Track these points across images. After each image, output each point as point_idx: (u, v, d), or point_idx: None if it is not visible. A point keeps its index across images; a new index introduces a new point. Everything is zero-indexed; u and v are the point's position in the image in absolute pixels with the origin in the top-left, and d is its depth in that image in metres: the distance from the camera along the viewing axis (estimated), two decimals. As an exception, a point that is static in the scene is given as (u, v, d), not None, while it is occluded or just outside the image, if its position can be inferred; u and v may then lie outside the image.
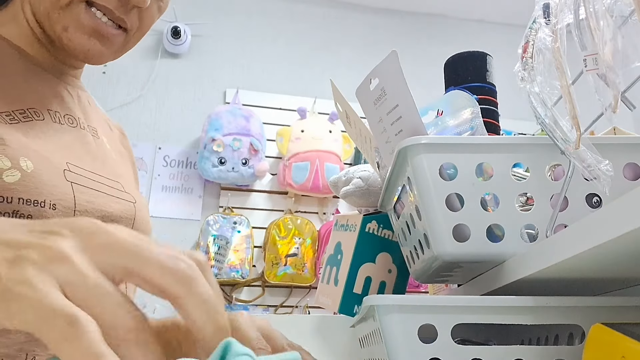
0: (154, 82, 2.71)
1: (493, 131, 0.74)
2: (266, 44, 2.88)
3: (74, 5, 0.62)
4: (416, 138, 0.54)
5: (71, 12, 0.62)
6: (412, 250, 0.62)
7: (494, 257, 0.53)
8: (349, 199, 0.81)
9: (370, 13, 3.06)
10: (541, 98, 0.49)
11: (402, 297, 0.49)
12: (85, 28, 0.63)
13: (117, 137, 0.84)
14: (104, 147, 0.72)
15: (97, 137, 0.71)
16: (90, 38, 0.63)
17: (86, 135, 0.69)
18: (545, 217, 0.52)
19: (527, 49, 0.50)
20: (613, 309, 0.47)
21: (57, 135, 0.64)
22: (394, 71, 0.57)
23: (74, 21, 0.62)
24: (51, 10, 0.62)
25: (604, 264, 0.43)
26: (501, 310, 0.48)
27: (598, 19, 0.44)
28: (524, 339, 0.61)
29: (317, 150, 2.53)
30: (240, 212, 2.52)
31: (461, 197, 0.54)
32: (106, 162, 0.70)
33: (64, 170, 0.60)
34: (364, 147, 0.75)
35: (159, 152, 2.61)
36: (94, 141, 0.70)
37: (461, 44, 1.17)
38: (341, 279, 0.78)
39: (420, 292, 1.90)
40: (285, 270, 2.40)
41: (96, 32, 0.63)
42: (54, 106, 0.66)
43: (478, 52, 0.78)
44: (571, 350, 0.48)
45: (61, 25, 0.62)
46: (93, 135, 0.71)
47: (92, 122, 0.73)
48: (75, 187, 0.60)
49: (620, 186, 0.51)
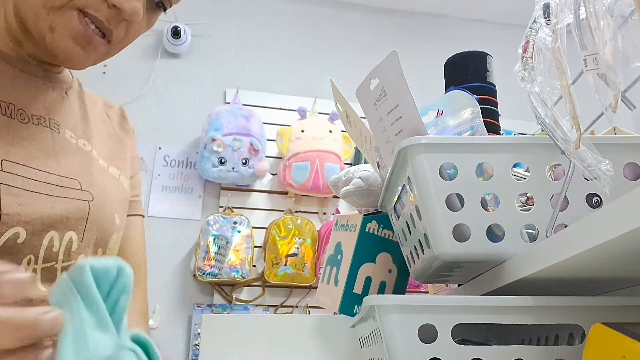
0: (154, 82, 2.71)
1: (493, 131, 0.74)
2: (266, 44, 2.87)
3: (66, 9, 0.61)
4: (416, 138, 0.54)
5: (62, 16, 0.61)
6: (412, 250, 0.62)
7: (494, 257, 0.53)
8: (349, 199, 0.81)
9: (370, 13, 3.06)
10: (541, 98, 0.49)
11: (402, 297, 0.49)
12: (72, 33, 0.62)
13: (116, 120, 0.83)
14: (65, 142, 0.69)
15: (57, 132, 0.69)
16: (76, 44, 0.63)
17: (42, 131, 0.66)
18: (546, 217, 0.52)
19: (527, 49, 0.50)
20: (613, 309, 0.47)
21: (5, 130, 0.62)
22: (394, 71, 0.57)
23: (62, 24, 0.61)
24: (40, 8, 0.61)
25: (604, 264, 0.43)
26: (501, 310, 0.48)
27: (598, 19, 0.44)
28: (524, 339, 0.61)
29: (317, 150, 2.53)
30: (241, 212, 2.52)
31: (461, 197, 0.54)
32: (64, 158, 0.67)
33: None
34: (364, 147, 0.75)
35: (159, 152, 2.61)
36: (51, 137, 0.67)
37: (461, 44, 1.17)
38: (341, 279, 0.78)
39: (420, 292, 1.90)
40: (285, 270, 2.39)
41: (83, 38, 0.63)
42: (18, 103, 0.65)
43: (478, 52, 0.78)
44: (571, 350, 0.48)
45: (48, 25, 0.61)
46: (52, 130, 0.68)
47: (58, 115, 0.70)
48: (4, 188, 0.58)
49: (620, 186, 0.51)
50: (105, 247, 0.71)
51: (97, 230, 0.69)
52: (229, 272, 2.34)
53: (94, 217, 0.68)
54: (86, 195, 0.68)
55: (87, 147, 0.73)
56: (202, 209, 2.55)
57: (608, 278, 0.50)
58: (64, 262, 0.64)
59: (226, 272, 2.34)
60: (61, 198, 0.64)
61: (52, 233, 0.62)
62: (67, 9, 0.61)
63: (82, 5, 0.61)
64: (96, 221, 0.68)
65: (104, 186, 0.72)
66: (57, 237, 0.63)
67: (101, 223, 0.69)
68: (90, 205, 0.67)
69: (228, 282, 2.38)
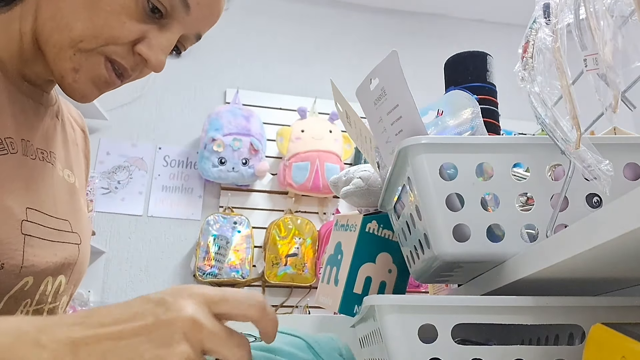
0: (154, 82, 2.71)
1: (493, 131, 0.74)
2: (266, 44, 2.87)
3: (93, 54, 0.59)
4: (416, 138, 0.54)
5: (87, 59, 0.59)
6: (412, 250, 0.62)
7: (494, 257, 0.53)
8: (349, 198, 0.81)
9: (370, 13, 3.06)
10: (541, 98, 0.49)
11: (402, 297, 0.49)
12: (96, 78, 0.61)
13: (79, 139, 0.79)
14: (57, 175, 0.68)
15: (54, 166, 0.67)
16: (95, 87, 0.62)
17: (47, 169, 0.65)
18: (546, 217, 0.52)
19: (528, 49, 0.50)
20: (613, 309, 0.47)
21: (25, 172, 0.61)
22: (394, 71, 0.57)
23: (88, 68, 0.60)
24: (66, 47, 0.59)
25: (604, 264, 0.43)
26: (501, 310, 0.48)
27: (598, 19, 0.44)
28: (524, 339, 0.61)
29: (317, 150, 2.53)
30: (241, 212, 2.52)
31: (461, 197, 0.54)
32: (59, 196, 0.67)
33: (22, 222, 0.58)
34: (364, 147, 0.75)
35: (159, 152, 2.61)
36: (52, 173, 0.66)
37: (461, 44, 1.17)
38: (341, 279, 0.78)
39: (420, 292, 1.90)
40: (285, 270, 2.39)
41: (104, 83, 0.62)
42: (27, 135, 0.63)
43: (478, 52, 0.78)
44: (571, 350, 0.48)
45: (72, 66, 0.59)
46: (52, 165, 0.67)
47: (53, 145, 0.68)
48: (27, 239, 0.58)
49: (620, 186, 0.51)
50: (77, 285, 0.72)
51: (80, 271, 0.70)
52: (229, 272, 2.34)
53: (81, 260, 0.69)
54: (76, 238, 0.68)
55: (70, 179, 0.71)
56: (202, 209, 2.55)
57: (608, 278, 0.50)
58: (51, 304, 0.65)
59: (226, 272, 2.34)
60: (60, 244, 0.64)
61: (48, 278, 0.63)
62: (95, 53, 0.60)
63: (111, 53, 0.60)
64: (81, 263, 0.69)
65: (82, 222, 0.71)
66: (51, 282, 0.64)
67: (83, 262, 0.70)
68: (79, 249, 0.68)
69: (228, 282, 2.38)
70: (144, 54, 0.61)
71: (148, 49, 0.61)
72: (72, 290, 0.70)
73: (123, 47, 0.60)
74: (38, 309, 0.63)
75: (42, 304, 0.63)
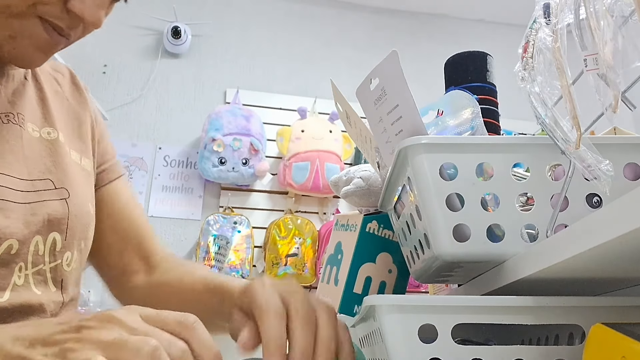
0: (154, 82, 2.71)
1: (493, 131, 0.74)
2: (266, 44, 2.88)
3: (26, 17, 0.57)
4: (416, 138, 0.54)
5: (21, 23, 0.57)
6: (413, 250, 0.62)
7: (494, 257, 0.53)
8: (350, 198, 0.81)
9: (370, 13, 3.06)
10: (541, 98, 0.49)
11: (402, 297, 0.49)
12: (37, 42, 0.59)
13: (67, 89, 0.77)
14: (29, 136, 0.66)
15: (23, 127, 0.65)
16: (40, 51, 0.60)
17: (14, 130, 0.63)
18: (546, 217, 0.52)
19: (527, 49, 0.50)
20: (613, 309, 0.47)
21: None
22: (394, 71, 0.57)
23: (24, 33, 0.58)
24: None
25: (604, 264, 0.43)
26: (501, 310, 0.48)
27: (598, 19, 0.44)
28: (524, 339, 0.61)
29: (318, 150, 2.53)
30: (241, 212, 2.52)
31: (461, 197, 0.54)
32: (32, 157, 0.65)
33: None
34: (364, 147, 0.75)
35: (159, 152, 2.61)
36: (20, 134, 0.64)
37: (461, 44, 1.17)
38: (341, 278, 0.78)
39: (421, 292, 1.90)
40: (285, 270, 2.40)
41: (48, 46, 0.60)
42: None
43: (478, 52, 0.78)
44: (571, 350, 0.47)
45: (8, 34, 0.57)
46: (21, 127, 0.65)
47: (21, 106, 0.66)
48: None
49: (621, 186, 0.51)
50: (86, 239, 0.71)
51: (78, 224, 0.68)
52: (229, 272, 2.34)
53: (74, 213, 0.67)
54: (62, 193, 0.66)
55: (52, 135, 0.69)
56: (202, 209, 2.55)
57: (608, 278, 0.50)
58: (51, 263, 0.65)
59: (226, 272, 2.34)
60: (38, 203, 0.63)
61: (37, 238, 0.62)
62: (28, 16, 0.57)
63: (43, 13, 0.57)
64: (76, 216, 0.68)
65: (74, 177, 0.70)
66: (41, 241, 0.63)
67: (81, 216, 0.69)
68: (68, 203, 0.67)
69: (228, 282, 2.38)
70: (77, 10, 0.57)
71: (81, 4, 0.57)
72: (82, 245, 0.69)
73: (54, 6, 0.57)
74: (38, 270, 0.63)
75: (40, 264, 0.63)
